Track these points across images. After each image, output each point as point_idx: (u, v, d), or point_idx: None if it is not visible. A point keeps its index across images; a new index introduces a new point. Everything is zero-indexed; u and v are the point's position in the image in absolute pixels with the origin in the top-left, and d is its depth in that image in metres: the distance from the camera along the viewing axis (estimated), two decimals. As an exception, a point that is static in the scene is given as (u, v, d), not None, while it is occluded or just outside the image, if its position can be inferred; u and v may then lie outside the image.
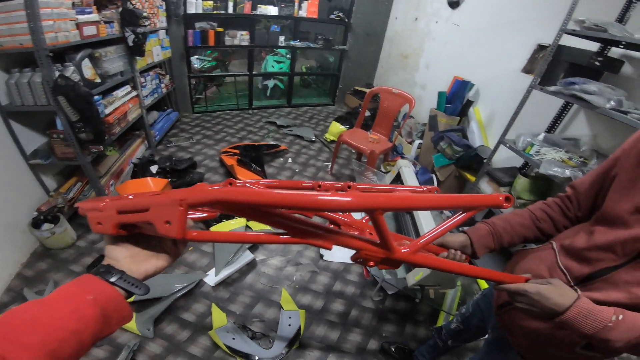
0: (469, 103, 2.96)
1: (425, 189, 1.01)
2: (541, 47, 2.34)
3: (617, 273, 0.66)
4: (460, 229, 0.89)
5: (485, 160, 2.42)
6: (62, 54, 1.89)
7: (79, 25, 1.87)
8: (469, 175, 2.69)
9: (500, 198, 0.60)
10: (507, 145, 2.12)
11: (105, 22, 2.12)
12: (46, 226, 2.00)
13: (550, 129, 2.23)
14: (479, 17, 3.00)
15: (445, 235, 0.82)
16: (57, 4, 1.71)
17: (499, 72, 2.74)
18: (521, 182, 2.15)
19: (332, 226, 0.74)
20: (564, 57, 1.90)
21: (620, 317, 0.59)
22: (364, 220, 0.88)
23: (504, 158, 2.47)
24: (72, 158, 2.03)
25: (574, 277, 0.72)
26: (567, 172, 1.74)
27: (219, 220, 2.27)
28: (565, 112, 2.15)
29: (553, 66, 1.92)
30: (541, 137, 2.01)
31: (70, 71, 1.77)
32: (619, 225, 0.67)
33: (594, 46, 1.88)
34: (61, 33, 1.73)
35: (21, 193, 2.01)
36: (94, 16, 2.01)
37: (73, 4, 1.87)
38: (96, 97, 2.05)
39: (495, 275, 0.72)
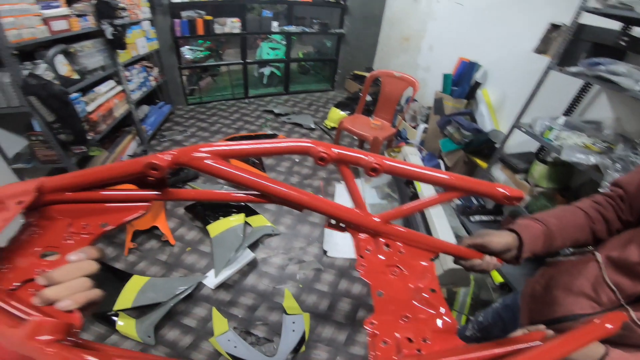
0: (477, 85, 2.78)
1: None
2: (554, 27, 2.16)
3: None
4: (506, 226, 0.72)
5: (498, 146, 2.27)
6: (33, 51, 1.76)
7: (46, 21, 1.74)
8: (479, 161, 2.54)
9: (502, 191, 0.51)
10: (523, 129, 1.97)
11: (78, 16, 1.97)
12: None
13: (568, 111, 2.07)
14: (483, -6, 2.80)
15: (487, 234, 0.66)
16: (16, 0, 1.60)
17: (509, 53, 2.57)
18: (539, 169, 2.00)
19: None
20: (585, 37, 1.76)
21: None
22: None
23: (517, 143, 2.31)
24: (56, 160, 1.94)
25: (625, 295, 0.62)
26: (592, 159, 1.60)
27: (216, 218, 2.17)
28: (583, 93, 2.00)
29: (572, 46, 1.78)
30: (561, 120, 1.86)
31: (42, 69, 1.63)
32: None
33: (613, 25, 1.74)
34: (25, 30, 1.61)
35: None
36: (63, 10, 1.87)
37: (37, -1, 1.74)
38: (75, 94, 1.93)
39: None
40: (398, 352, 0.42)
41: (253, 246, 2.12)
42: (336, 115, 3.72)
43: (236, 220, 2.17)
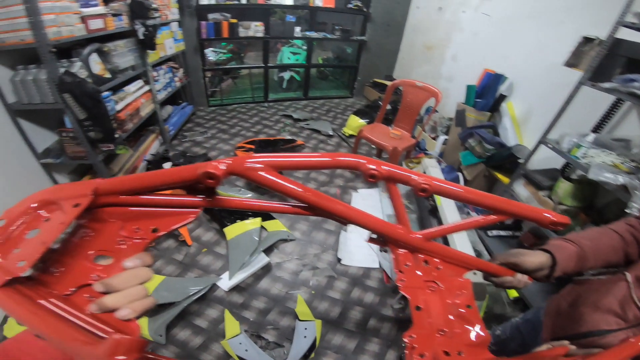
0: (502, 98, 2.73)
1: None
2: (587, 40, 2.11)
3: None
4: (540, 247, 0.73)
5: (521, 161, 2.21)
6: (69, 49, 1.81)
7: (84, 19, 1.79)
8: (500, 176, 2.49)
9: (548, 216, 0.51)
10: (550, 145, 1.92)
11: (113, 15, 2.02)
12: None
13: (596, 128, 2.01)
14: (512, 6, 2.77)
15: (520, 253, 0.67)
16: (56, -3, 1.64)
17: (537, 66, 2.51)
18: (564, 187, 1.94)
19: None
20: (620, 52, 1.70)
21: None
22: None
23: (540, 158, 2.25)
24: (83, 157, 1.98)
25: None
26: (621, 179, 1.54)
27: (233, 220, 2.18)
28: (614, 110, 1.93)
29: (606, 61, 1.72)
30: (590, 137, 1.80)
31: (77, 67, 1.69)
32: None
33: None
34: (65, 27, 1.65)
35: (34, 192, 1.97)
36: (100, 9, 1.92)
37: (76, -4, 1.79)
38: (106, 93, 1.98)
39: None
40: None
41: (268, 250, 2.12)
42: (355, 123, 3.70)
43: (252, 224, 2.17)
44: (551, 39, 2.40)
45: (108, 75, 2.01)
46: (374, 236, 0.52)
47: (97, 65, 1.89)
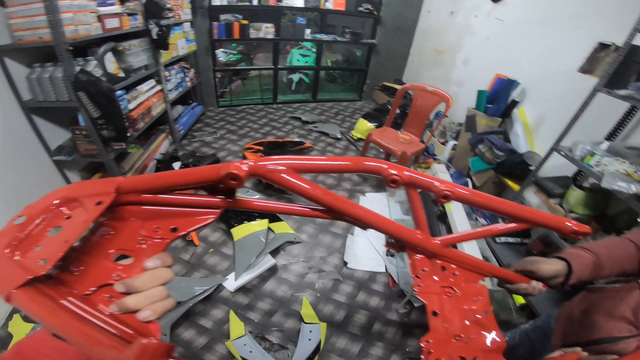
0: (514, 104, 2.69)
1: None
2: (603, 46, 2.08)
3: None
4: (556, 254, 0.74)
5: (533, 168, 2.19)
6: (85, 48, 1.83)
7: (100, 18, 1.81)
8: (510, 183, 2.46)
9: (570, 225, 0.52)
10: (562, 153, 1.89)
11: (129, 14, 2.04)
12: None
13: (610, 136, 1.98)
14: (526, 11, 2.74)
15: (537, 261, 0.68)
16: (74, -4, 1.66)
17: (550, 71, 2.48)
18: (576, 195, 1.91)
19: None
20: (637, 58, 1.68)
21: None
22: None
23: (552, 166, 2.22)
24: (95, 155, 2.00)
25: None
26: (634, 188, 1.53)
27: (240, 221, 2.18)
28: (629, 118, 1.90)
29: (623, 67, 1.70)
30: (604, 145, 1.77)
31: (92, 66, 1.71)
32: None
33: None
34: (82, 26, 1.67)
35: (46, 188, 1.99)
36: (116, 8, 1.94)
37: (94, -5, 1.80)
38: (119, 92, 2.00)
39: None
40: None
41: (274, 252, 2.12)
42: (363, 127, 3.69)
43: (259, 225, 2.18)
44: (565, 44, 2.36)
45: (122, 74, 2.03)
46: (392, 241, 0.52)
47: (111, 64, 1.91)
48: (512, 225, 0.52)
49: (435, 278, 0.51)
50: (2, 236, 0.33)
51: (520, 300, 1.95)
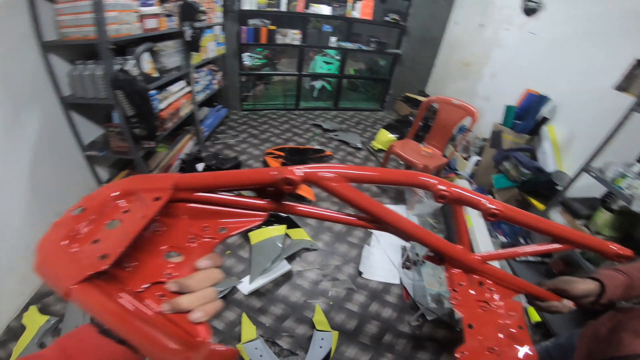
0: (544, 120, 2.61)
1: None
2: (641, 63, 2.01)
3: None
4: (590, 275, 0.77)
5: (560, 188, 2.11)
6: (123, 47, 1.90)
7: (141, 18, 1.87)
8: (535, 202, 2.38)
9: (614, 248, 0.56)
10: (593, 174, 1.82)
11: (166, 16, 2.11)
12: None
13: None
14: (561, 26, 2.68)
15: (571, 281, 0.71)
16: (118, -5, 1.70)
17: (583, 88, 2.40)
18: (603, 217, 1.85)
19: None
20: None
21: None
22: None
23: (579, 186, 2.14)
24: (126, 152, 2.06)
25: None
26: (664, 213, 1.47)
27: (258, 226, 2.19)
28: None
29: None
30: (637, 168, 1.71)
31: (130, 65, 1.77)
32: None
33: None
34: (124, 25, 1.72)
35: (75, 182, 2.07)
36: (156, 8, 2.00)
37: (136, -6, 1.86)
38: (152, 91, 2.05)
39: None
40: None
41: (290, 258, 2.12)
42: (384, 138, 3.66)
43: (277, 230, 2.18)
44: (601, 61, 2.29)
45: (156, 75, 2.10)
46: (431, 254, 0.53)
47: (147, 64, 1.97)
48: (557, 245, 0.52)
49: (472, 292, 0.52)
50: (60, 227, 0.32)
51: (535, 317, 1.92)
